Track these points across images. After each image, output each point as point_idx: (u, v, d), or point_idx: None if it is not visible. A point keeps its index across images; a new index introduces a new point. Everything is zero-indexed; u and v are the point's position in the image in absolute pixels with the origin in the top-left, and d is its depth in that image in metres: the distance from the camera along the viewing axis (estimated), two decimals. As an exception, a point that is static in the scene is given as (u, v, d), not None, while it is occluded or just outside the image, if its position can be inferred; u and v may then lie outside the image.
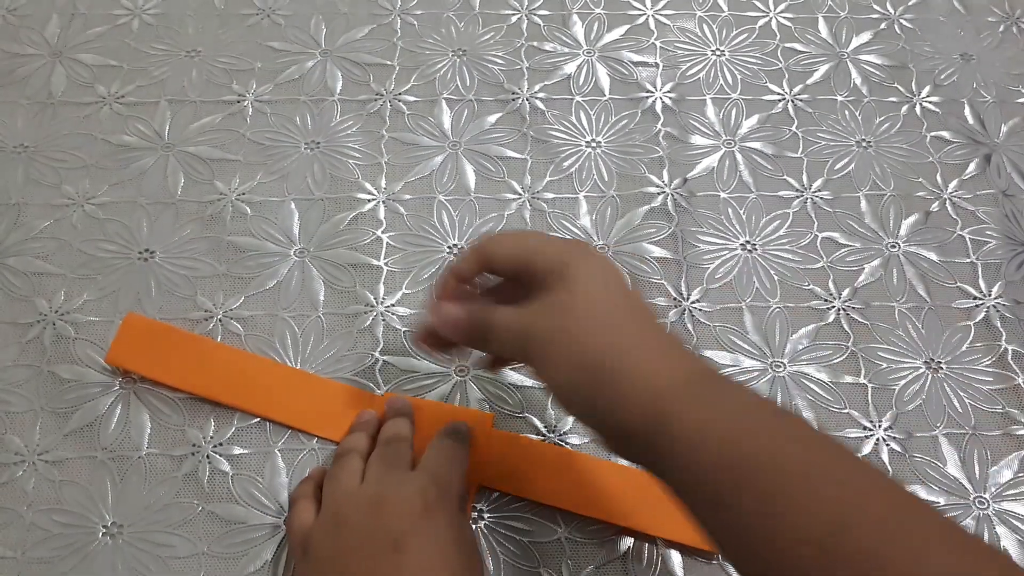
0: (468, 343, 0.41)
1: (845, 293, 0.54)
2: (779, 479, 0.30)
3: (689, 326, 0.52)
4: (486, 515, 0.46)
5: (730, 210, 0.57)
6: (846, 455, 0.32)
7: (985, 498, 0.47)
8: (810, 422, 0.35)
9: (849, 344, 0.52)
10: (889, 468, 0.48)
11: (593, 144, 0.60)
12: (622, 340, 0.36)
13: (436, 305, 0.41)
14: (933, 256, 0.56)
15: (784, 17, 0.68)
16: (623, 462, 0.46)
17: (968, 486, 0.48)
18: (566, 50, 0.65)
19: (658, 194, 0.58)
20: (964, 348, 0.52)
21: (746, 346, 0.52)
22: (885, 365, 0.51)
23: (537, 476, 0.46)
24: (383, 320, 0.51)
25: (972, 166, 0.60)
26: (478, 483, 0.46)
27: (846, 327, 0.53)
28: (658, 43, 0.66)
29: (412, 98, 0.61)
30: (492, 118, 0.61)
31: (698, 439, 0.32)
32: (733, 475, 0.31)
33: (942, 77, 0.65)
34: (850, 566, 0.28)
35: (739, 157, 0.60)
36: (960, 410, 0.50)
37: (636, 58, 0.65)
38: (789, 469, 0.31)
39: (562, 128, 0.61)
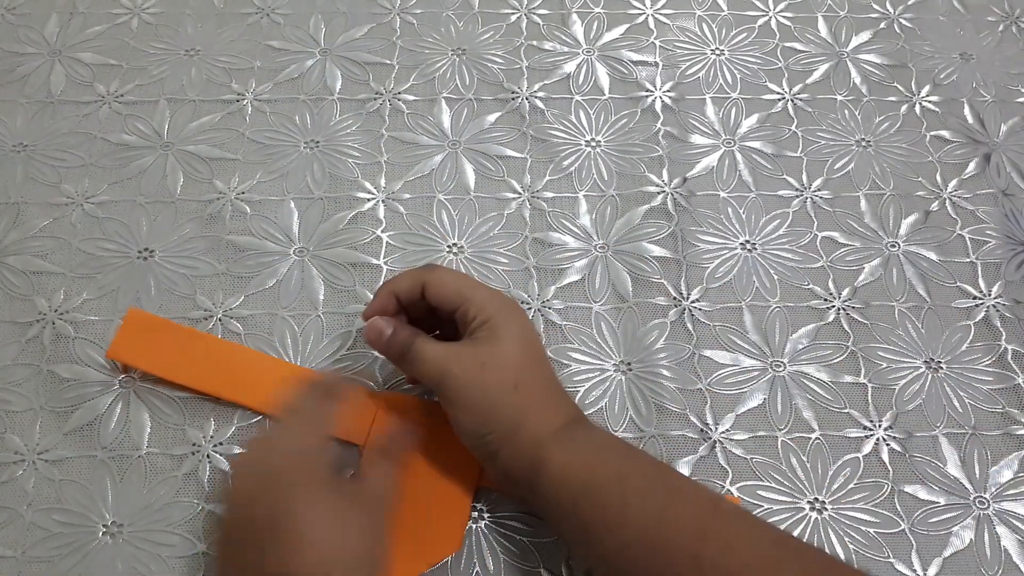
0: (387, 357, 0.45)
1: (845, 293, 0.54)
2: (622, 504, 0.38)
3: (689, 326, 0.52)
4: (486, 515, 0.46)
5: (730, 209, 0.57)
6: (672, 472, 0.42)
7: (985, 498, 0.47)
8: (650, 456, 0.42)
9: (849, 344, 0.52)
10: (889, 468, 0.48)
11: (593, 143, 0.60)
12: (526, 399, 0.41)
13: (370, 315, 0.45)
14: (933, 256, 0.56)
15: (784, 16, 0.68)
16: None
17: (968, 486, 0.48)
18: (566, 49, 0.65)
19: (658, 193, 0.58)
20: (964, 348, 0.52)
21: (746, 346, 0.52)
22: (885, 365, 0.51)
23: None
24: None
25: (972, 165, 0.60)
26: (479, 482, 0.46)
27: (846, 327, 0.53)
28: (658, 42, 0.66)
29: (411, 97, 0.61)
30: (492, 117, 0.61)
31: (563, 475, 0.39)
32: (590, 499, 0.39)
33: (942, 76, 0.65)
34: (667, 554, 0.37)
35: (739, 156, 0.60)
36: (960, 410, 0.50)
37: (636, 57, 0.65)
38: (629, 498, 0.38)
39: (562, 127, 0.60)
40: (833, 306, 0.54)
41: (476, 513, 0.46)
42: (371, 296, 0.52)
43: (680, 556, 0.36)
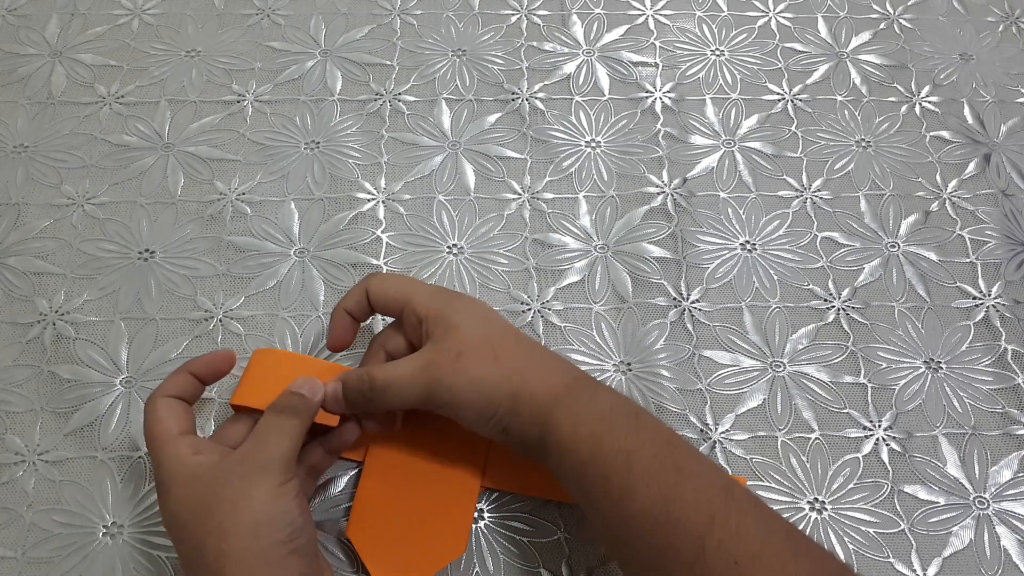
0: (360, 409, 0.42)
1: (845, 293, 0.54)
2: (627, 480, 0.37)
3: (689, 326, 0.52)
4: (486, 515, 0.46)
5: (730, 210, 0.57)
6: (683, 449, 0.39)
7: (985, 498, 0.47)
8: (659, 428, 0.40)
9: (849, 344, 0.52)
10: (889, 468, 0.48)
11: (593, 144, 0.60)
12: (512, 365, 0.41)
13: (334, 345, 0.45)
14: (933, 256, 0.56)
15: (784, 17, 0.68)
16: None
17: (968, 486, 0.48)
18: (566, 50, 0.65)
19: (658, 194, 0.58)
20: (964, 348, 0.52)
21: (746, 346, 0.52)
22: (885, 365, 0.52)
23: (541, 471, 0.46)
24: (383, 320, 0.51)
25: (971, 166, 0.60)
26: (480, 485, 0.46)
27: (846, 327, 0.53)
28: (658, 43, 0.66)
29: (412, 98, 0.61)
30: (492, 118, 0.61)
31: (571, 442, 0.39)
32: (596, 470, 0.38)
33: (941, 77, 0.65)
34: (671, 534, 0.36)
35: (739, 157, 0.60)
36: (960, 410, 0.50)
37: (636, 58, 0.65)
38: (636, 474, 0.37)
39: (562, 128, 0.61)
40: (833, 306, 0.54)
41: (476, 513, 0.46)
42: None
43: (684, 536, 0.35)
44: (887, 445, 0.49)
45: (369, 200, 0.56)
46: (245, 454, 0.38)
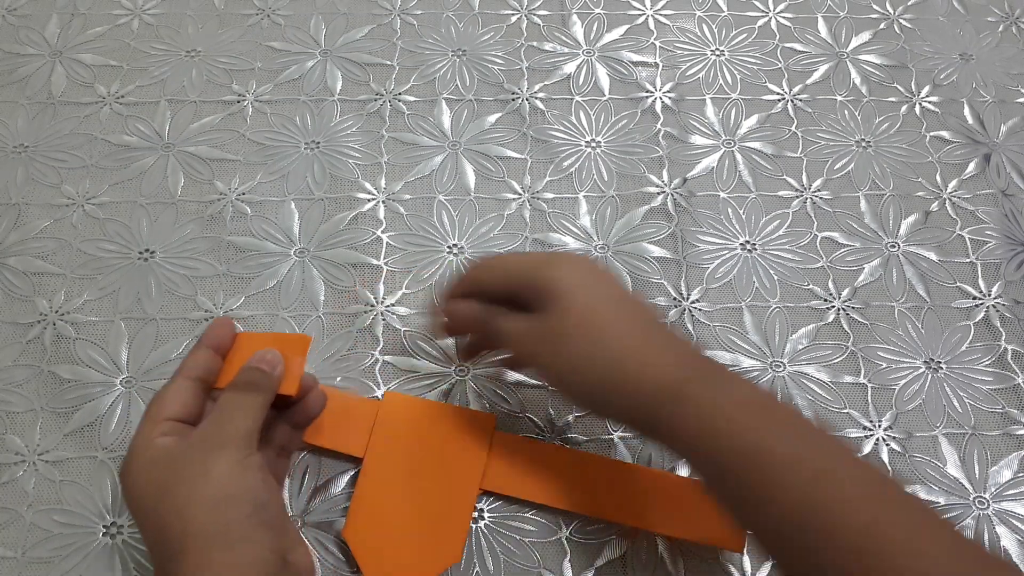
0: (477, 333, 0.45)
1: (845, 293, 0.54)
2: (773, 475, 0.34)
3: (689, 326, 0.52)
4: (486, 515, 0.46)
5: (730, 210, 0.57)
6: (835, 448, 0.35)
7: (985, 498, 0.47)
8: (808, 418, 0.37)
9: (849, 344, 0.52)
10: (889, 468, 0.48)
11: (593, 144, 0.60)
12: (630, 343, 0.38)
13: (448, 301, 0.44)
14: (933, 256, 0.56)
15: (784, 17, 0.68)
16: (629, 458, 0.47)
17: (968, 486, 0.48)
18: (566, 50, 0.65)
19: (658, 194, 0.58)
20: (964, 348, 0.52)
21: (746, 346, 0.52)
22: (885, 365, 0.52)
23: (541, 478, 0.46)
24: (383, 320, 0.51)
25: (971, 166, 0.60)
26: (480, 487, 0.46)
27: (846, 327, 0.53)
28: (658, 43, 0.66)
29: (412, 98, 0.61)
30: (492, 118, 0.61)
31: (709, 427, 0.35)
32: (738, 462, 0.34)
33: (941, 77, 0.65)
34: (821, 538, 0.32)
35: (739, 157, 0.60)
36: (960, 410, 0.50)
37: (636, 58, 0.65)
38: (790, 468, 0.34)
39: (562, 128, 0.61)
40: (833, 306, 0.54)
41: (476, 513, 0.46)
42: (371, 297, 0.52)
43: (838, 542, 0.32)
44: (887, 445, 0.49)
45: (369, 200, 0.56)
46: (205, 432, 0.38)
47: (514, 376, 0.50)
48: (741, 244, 0.56)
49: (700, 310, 0.53)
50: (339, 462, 0.46)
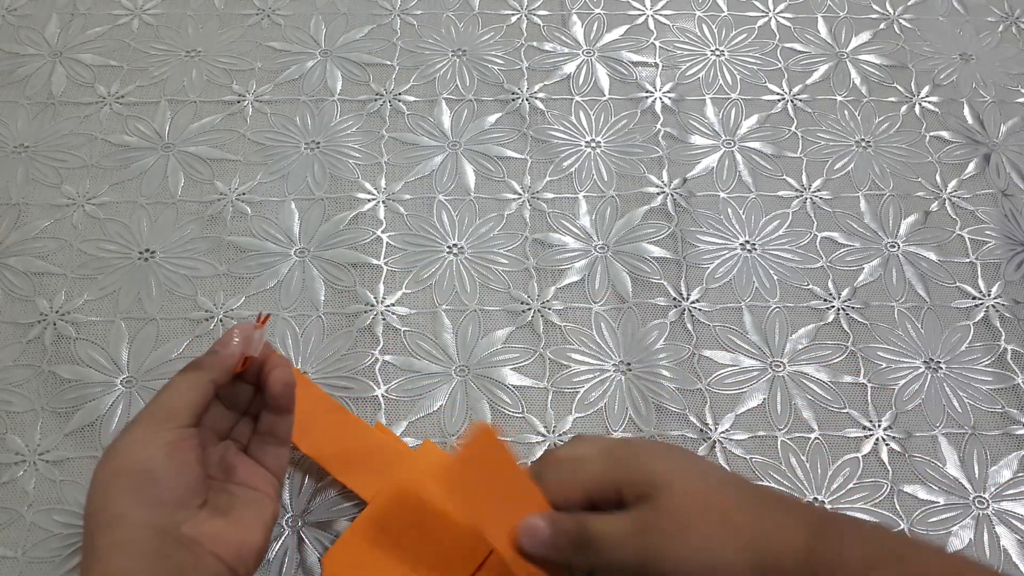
0: (559, 557, 0.36)
1: (845, 293, 0.54)
2: None
3: (689, 326, 0.52)
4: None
5: (730, 210, 0.57)
6: None
7: (984, 498, 0.47)
8: (930, 543, 0.36)
9: (849, 344, 0.52)
10: (889, 468, 0.48)
11: (593, 144, 0.60)
12: (754, 533, 0.35)
13: (522, 521, 0.37)
14: (932, 256, 0.56)
15: (784, 17, 0.68)
16: None
17: (968, 486, 0.48)
18: (566, 50, 0.65)
19: (658, 194, 0.58)
20: (963, 348, 0.52)
21: (746, 346, 0.52)
22: (885, 365, 0.52)
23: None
24: (383, 320, 0.51)
25: (971, 166, 0.60)
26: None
27: (846, 327, 0.53)
28: (658, 43, 0.66)
29: (412, 98, 0.61)
30: (492, 118, 0.61)
31: None
32: None
33: (941, 77, 0.65)
34: None
35: (738, 157, 0.60)
36: (960, 410, 0.50)
37: (636, 58, 0.65)
38: None
39: (562, 128, 0.61)
40: (833, 306, 0.54)
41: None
42: (371, 295, 0.52)
43: None
44: (887, 445, 0.49)
45: (369, 200, 0.56)
46: (139, 411, 0.38)
47: (514, 377, 0.50)
48: (741, 244, 0.56)
49: (700, 310, 0.53)
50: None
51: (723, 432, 0.49)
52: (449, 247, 0.55)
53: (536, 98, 0.62)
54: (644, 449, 0.38)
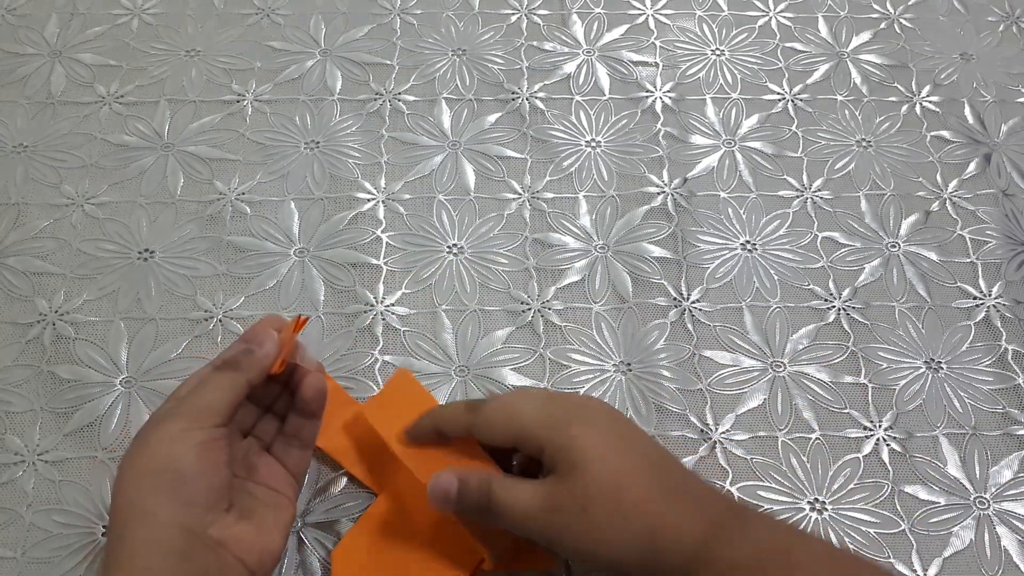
0: (464, 515, 0.38)
1: (845, 293, 0.54)
2: None
3: (689, 326, 0.52)
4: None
5: (730, 210, 0.57)
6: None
7: (985, 498, 0.47)
8: (822, 540, 0.37)
9: (849, 344, 0.52)
10: (889, 468, 0.48)
11: (593, 144, 0.60)
12: (661, 507, 0.36)
13: (432, 478, 0.39)
14: (933, 256, 0.56)
15: (784, 17, 0.68)
16: None
17: (968, 486, 0.48)
18: (566, 50, 0.65)
19: (658, 194, 0.58)
20: (964, 348, 0.52)
21: (746, 346, 0.52)
22: (885, 365, 0.51)
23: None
24: (383, 319, 0.51)
25: (972, 166, 0.60)
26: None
27: (846, 327, 0.53)
28: (658, 43, 0.66)
29: (412, 98, 0.61)
30: (492, 118, 0.61)
31: None
32: None
33: (942, 77, 0.65)
34: None
35: (739, 157, 0.60)
36: (960, 410, 0.50)
37: (636, 58, 0.65)
38: None
39: (562, 128, 0.61)
40: (833, 306, 0.54)
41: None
42: (372, 298, 0.52)
43: None
44: (887, 445, 0.49)
45: (369, 200, 0.56)
46: (166, 406, 0.38)
47: (514, 377, 0.50)
48: (741, 244, 0.56)
49: (700, 310, 0.53)
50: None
51: (723, 432, 0.49)
52: (449, 247, 0.55)
53: (536, 98, 0.62)
54: (577, 416, 0.38)
